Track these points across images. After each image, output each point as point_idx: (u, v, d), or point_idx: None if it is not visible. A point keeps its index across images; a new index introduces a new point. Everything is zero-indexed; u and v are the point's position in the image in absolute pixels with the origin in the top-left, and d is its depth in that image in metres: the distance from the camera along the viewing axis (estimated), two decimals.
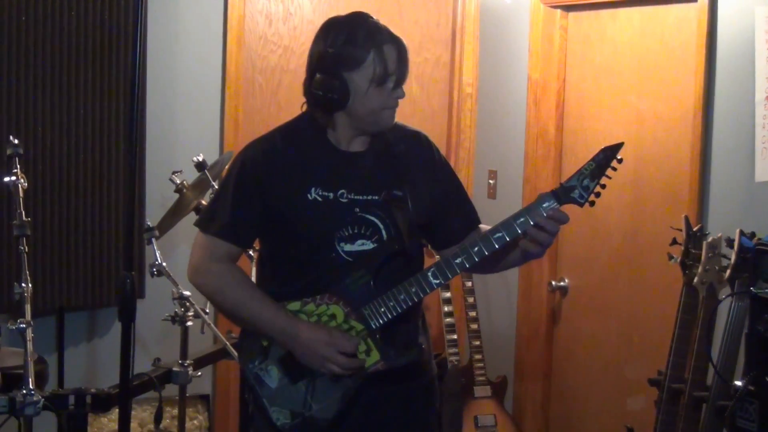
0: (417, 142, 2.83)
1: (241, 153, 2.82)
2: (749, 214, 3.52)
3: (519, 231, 2.57)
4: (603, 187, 2.58)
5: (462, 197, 2.90)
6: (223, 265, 2.73)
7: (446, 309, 4.66)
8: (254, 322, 2.71)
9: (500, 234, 2.58)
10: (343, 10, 2.76)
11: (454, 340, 4.65)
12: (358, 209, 2.68)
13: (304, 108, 2.76)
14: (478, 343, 4.66)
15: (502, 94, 4.94)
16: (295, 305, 2.68)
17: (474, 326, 4.67)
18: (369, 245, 2.68)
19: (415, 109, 5.06)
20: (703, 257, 3.22)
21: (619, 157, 2.56)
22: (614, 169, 2.57)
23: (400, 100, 2.71)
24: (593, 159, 2.57)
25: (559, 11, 4.61)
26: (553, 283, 4.65)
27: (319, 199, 2.67)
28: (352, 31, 2.64)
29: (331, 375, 2.64)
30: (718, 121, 3.67)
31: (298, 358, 2.65)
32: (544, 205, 2.56)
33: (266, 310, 2.68)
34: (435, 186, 2.80)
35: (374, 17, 2.70)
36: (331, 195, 2.68)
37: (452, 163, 5.04)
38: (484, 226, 2.80)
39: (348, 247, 2.68)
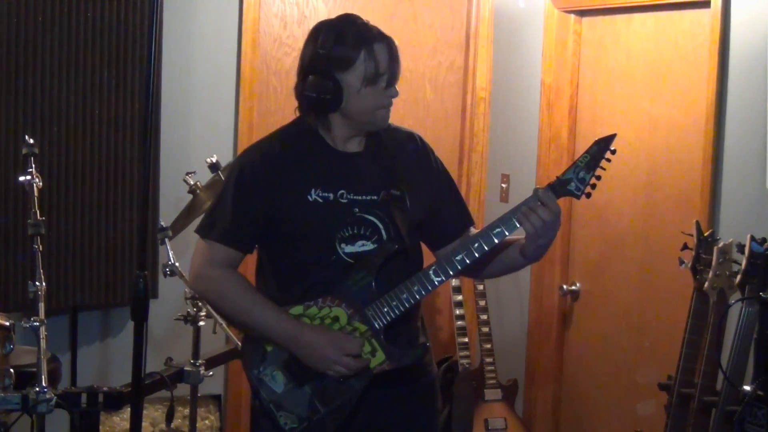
0: (412, 142, 2.84)
1: (238, 158, 2.82)
2: (760, 220, 3.52)
3: (517, 225, 2.58)
4: (598, 179, 2.59)
5: (455, 197, 2.91)
6: (224, 270, 2.72)
7: (458, 312, 4.66)
8: (257, 327, 2.71)
9: (499, 229, 2.60)
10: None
11: (465, 343, 4.65)
12: (357, 209, 2.68)
13: (297, 113, 2.76)
14: (489, 346, 4.66)
15: (516, 98, 4.94)
16: (297, 309, 2.67)
17: (485, 329, 4.67)
18: (369, 246, 2.69)
19: (429, 112, 5.07)
20: (713, 262, 3.22)
21: (612, 149, 2.57)
22: (608, 160, 2.58)
23: (395, 100, 2.71)
24: (587, 151, 2.58)
25: (573, 16, 4.61)
26: (565, 287, 4.65)
27: (320, 200, 2.67)
28: (342, 31, 2.64)
29: (337, 377, 2.64)
30: (730, 126, 3.67)
31: (302, 362, 2.65)
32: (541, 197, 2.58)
33: (268, 314, 2.67)
34: (431, 186, 2.81)
35: (364, 19, 2.69)
36: (331, 195, 2.68)
37: (465, 167, 5.07)
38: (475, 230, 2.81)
39: (348, 249, 2.68)
